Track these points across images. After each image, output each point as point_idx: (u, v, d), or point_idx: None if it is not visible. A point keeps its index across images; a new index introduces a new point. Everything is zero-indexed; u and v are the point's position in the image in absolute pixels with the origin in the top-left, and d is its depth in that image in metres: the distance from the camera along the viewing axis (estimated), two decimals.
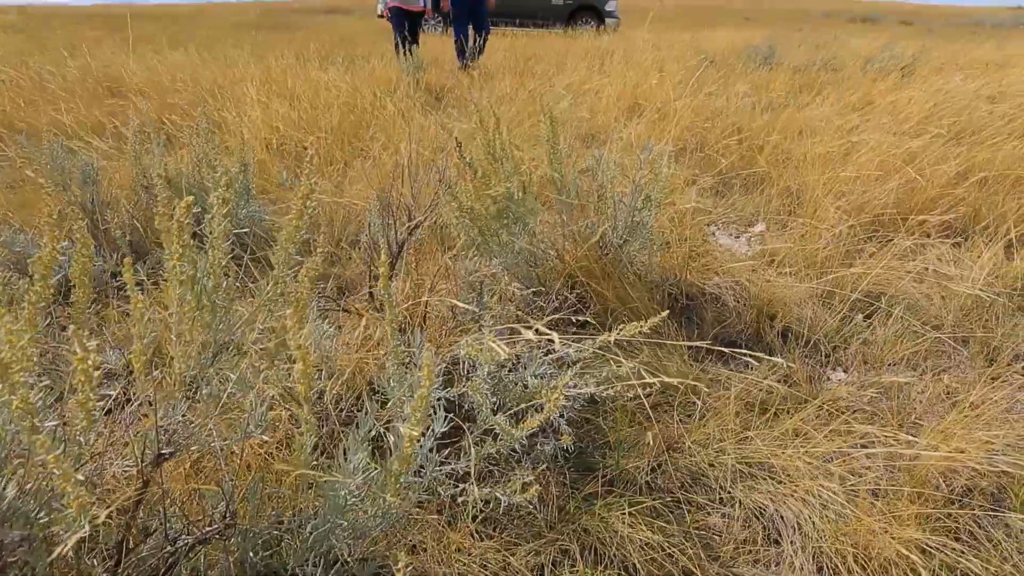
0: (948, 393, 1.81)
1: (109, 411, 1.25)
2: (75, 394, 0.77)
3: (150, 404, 0.92)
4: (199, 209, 2.39)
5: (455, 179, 1.91)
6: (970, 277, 2.20)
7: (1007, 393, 1.77)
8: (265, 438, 1.10)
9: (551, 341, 1.13)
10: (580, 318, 1.87)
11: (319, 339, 1.52)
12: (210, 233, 0.96)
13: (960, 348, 1.99)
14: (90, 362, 0.74)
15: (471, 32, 7.12)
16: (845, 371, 1.91)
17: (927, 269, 2.31)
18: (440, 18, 13.25)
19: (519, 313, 1.79)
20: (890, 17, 28.73)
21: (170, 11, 23.03)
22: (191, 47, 7.37)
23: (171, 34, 10.44)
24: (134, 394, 1.13)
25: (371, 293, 1.92)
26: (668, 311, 1.40)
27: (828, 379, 1.87)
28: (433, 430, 1.11)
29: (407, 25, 6.84)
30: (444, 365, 1.46)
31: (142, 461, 0.90)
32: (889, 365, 1.91)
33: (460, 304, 1.55)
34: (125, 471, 1.01)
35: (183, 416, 0.96)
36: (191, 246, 0.92)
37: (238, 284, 1.85)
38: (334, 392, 1.52)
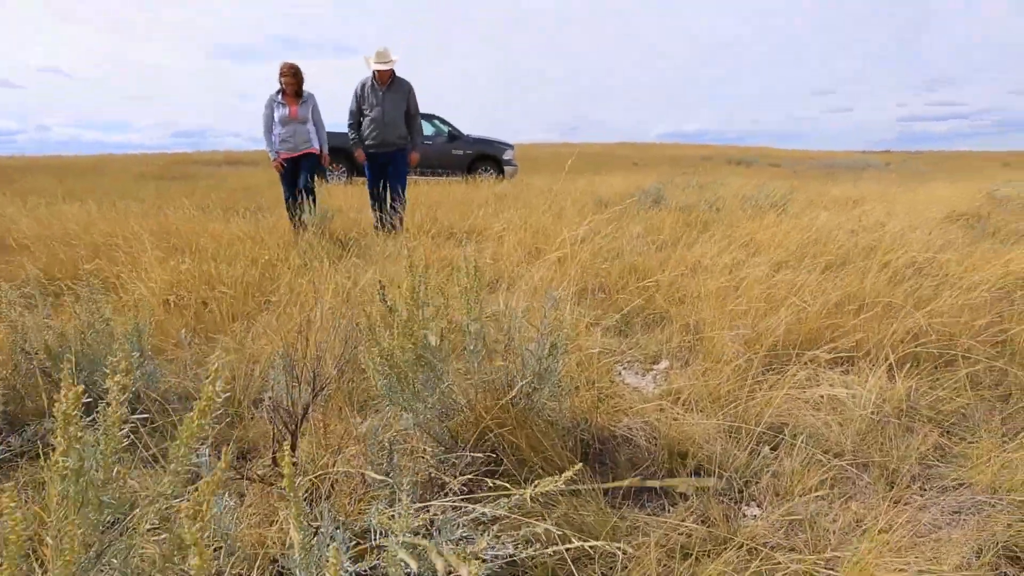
0: (857, 521, 1.85)
1: None
2: None
3: None
4: (88, 380, 2.25)
5: (375, 325, 1.90)
6: (861, 403, 2.32)
7: (910, 515, 1.82)
8: None
9: (467, 510, 1.09)
10: (495, 469, 1.84)
11: (219, 515, 1.42)
12: (103, 421, 0.90)
13: (862, 474, 2.06)
14: None
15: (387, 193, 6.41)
16: (759, 506, 1.93)
17: (823, 397, 2.42)
18: (344, 168, 13.60)
19: (432, 471, 1.74)
20: (761, 160, 31.83)
21: (66, 163, 22.68)
22: (88, 200, 7.23)
23: (67, 187, 10.24)
24: None
25: (274, 458, 1.83)
26: (582, 458, 1.40)
27: (744, 515, 1.88)
28: None
29: (301, 173, 6.08)
30: (355, 540, 1.38)
31: None
32: (799, 496, 1.95)
33: (371, 475, 1.49)
34: None
35: None
36: (77, 436, 0.86)
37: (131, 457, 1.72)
38: (235, 574, 1.40)
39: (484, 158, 14.56)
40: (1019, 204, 7.66)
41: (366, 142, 6.29)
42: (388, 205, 6.30)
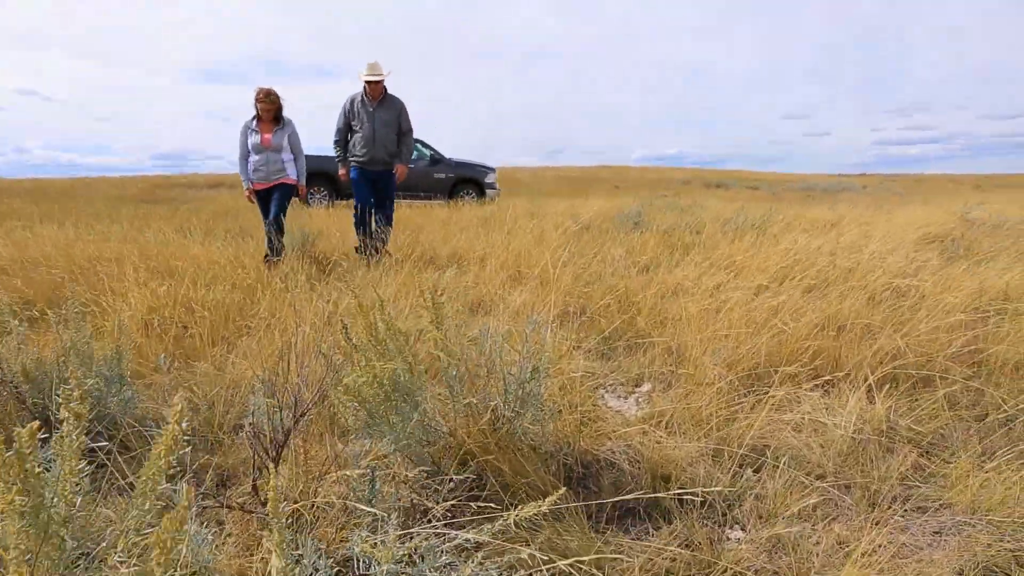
0: (840, 543, 1.85)
1: None
2: None
3: None
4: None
5: (342, 361, 1.89)
6: (842, 424, 2.33)
7: (892, 536, 1.83)
8: None
9: (451, 536, 1.08)
10: (479, 494, 1.82)
11: (196, 548, 1.39)
12: (60, 452, 0.88)
13: (844, 495, 2.07)
14: None
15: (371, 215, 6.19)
16: (743, 529, 1.93)
17: (804, 419, 2.44)
18: (325, 192, 13.54)
19: (415, 497, 1.73)
20: (740, 183, 32.25)
21: (44, 185, 22.41)
22: (66, 222, 7.16)
23: (45, 210, 10.12)
24: None
25: (255, 486, 1.80)
26: (565, 482, 1.39)
27: (728, 539, 1.88)
28: None
29: (271, 204, 5.71)
30: (337, 569, 1.36)
31: None
32: (783, 518, 1.95)
33: (353, 504, 1.47)
34: None
35: None
36: (36, 474, 0.83)
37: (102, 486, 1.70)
38: None
39: (466, 181, 14.62)
40: (990, 226, 7.82)
41: (354, 160, 6.03)
42: (372, 227, 6.11)
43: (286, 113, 5.72)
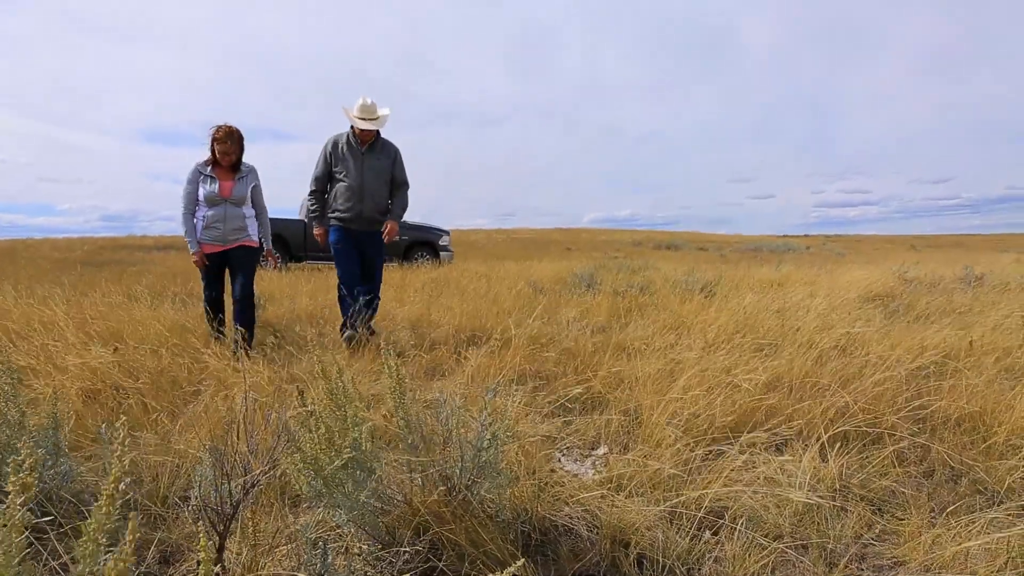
0: None
1: None
2: None
3: None
4: None
5: (297, 428, 1.84)
6: (796, 483, 2.36)
7: None
8: None
9: None
10: (435, 566, 1.77)
11: None
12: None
13: (801, 556, 2.07)
14: None
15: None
16: None
17: (759, 478, 2.45)
18: (278, 255, 13.32)
19: (368, 570, 1.67)
20: (689, 244, 33.12)
21: None
22: (3, 284, 6.91)
23: None
24: None
25: (200, 562, 1.71)
26: (523, 551, 1.36)
27: None
28: None
29: (235, 274, 4.59)
30: None
31: None
32: None
33: None
34: None
35: None
36: None
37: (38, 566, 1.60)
38: None
39: (421, 244, 14.71)
40: (926, 284, 8.16)
41: (335, 217, 4.84)
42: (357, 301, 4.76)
43: (245, 158, 4.65)
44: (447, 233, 15.34)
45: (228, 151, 4.45)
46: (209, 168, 4.51)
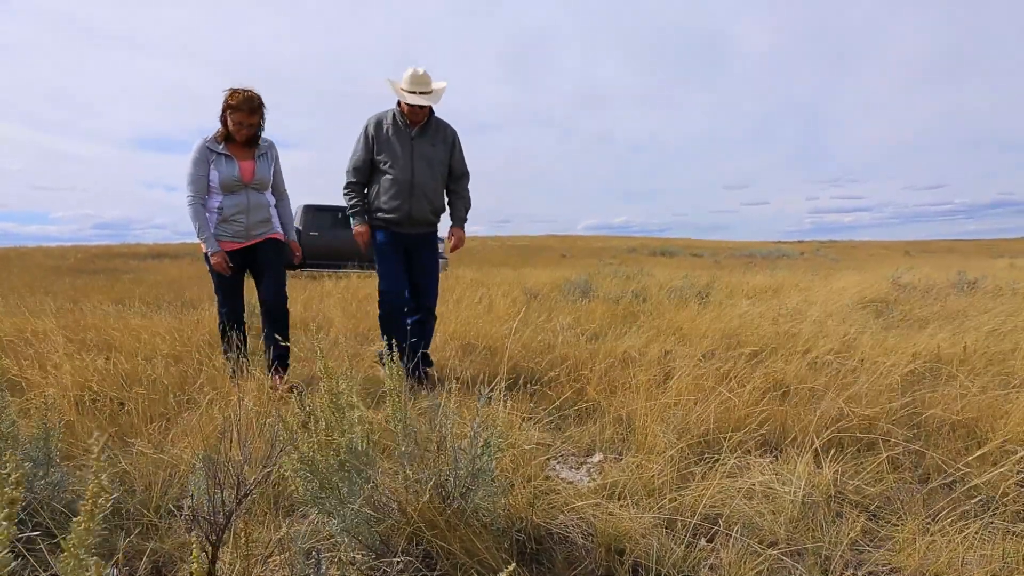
0: None
1: None
2: None
3: None
4: None
5: (295, 429, 1.83)
6: (791, 490, 2.35)
7: None
8: None
9: None
10: (428, 575, 1.76)
11: None
12: None
13: (797, 563, 2.07)
14: None
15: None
16: None
17: (754, 485, 2.45)
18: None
19: None
20: (684, 251, 33.24)
21: None
22: None
23: None
24: None
25: (192, 573, 1.70)
26: (518, 559, 1.36)
27: None
28: None
29: (263, 275, 3.75)
30: None
31: None
32: None
33: None
34: None
35: None
36: None
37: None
38: None
39: None
40: (920, 290, 8.19)
41: (379, 217, 3.93)
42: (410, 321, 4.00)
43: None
44: (442, 240, 15.27)
45: (246, 122, 3.50)
46: (221, 145, 3.55)
